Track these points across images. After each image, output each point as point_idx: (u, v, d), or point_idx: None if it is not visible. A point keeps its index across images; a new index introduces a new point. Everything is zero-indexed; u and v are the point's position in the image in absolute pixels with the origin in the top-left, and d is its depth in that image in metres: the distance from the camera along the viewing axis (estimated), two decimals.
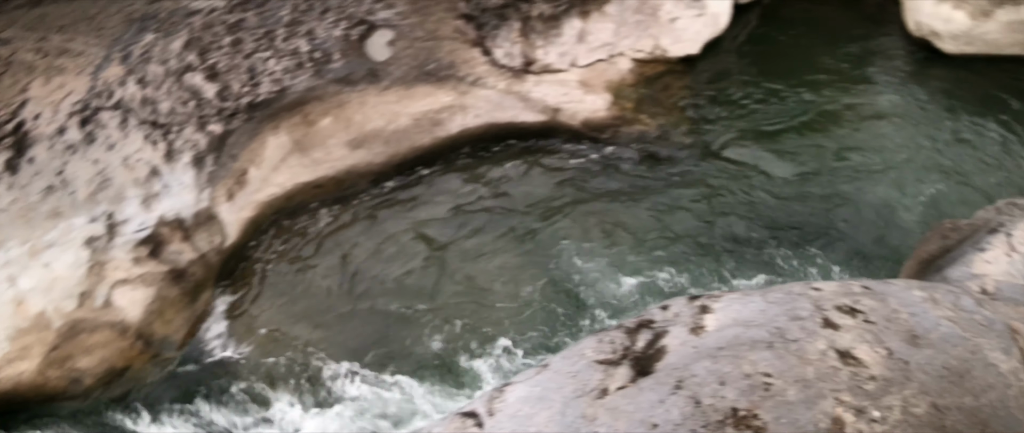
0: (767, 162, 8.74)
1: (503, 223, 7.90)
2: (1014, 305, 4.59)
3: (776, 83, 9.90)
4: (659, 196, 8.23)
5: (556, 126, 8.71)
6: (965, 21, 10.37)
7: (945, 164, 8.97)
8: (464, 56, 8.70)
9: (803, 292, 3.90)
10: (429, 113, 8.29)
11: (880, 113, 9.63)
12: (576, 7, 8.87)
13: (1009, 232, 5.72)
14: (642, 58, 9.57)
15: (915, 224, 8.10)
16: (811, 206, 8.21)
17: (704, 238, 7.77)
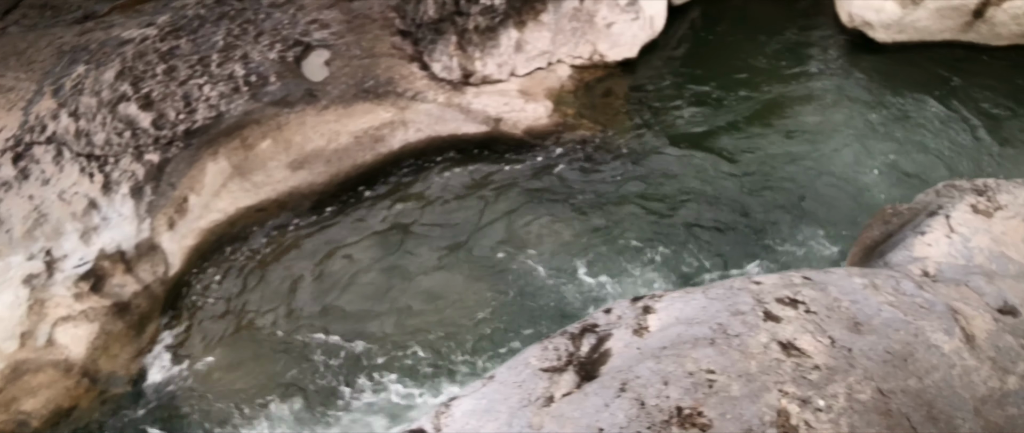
0: (709, 159, 9.01)
1: (448, 237, 8.01)
2: (955, 286, 4.73)
3: (714, 81, 10.23)
4: (604, 199, 8.42)
5: (498, 136, 8.88)
6: (896, 10, 10.85)
7: (885, 151, 9.33)
8: (402, 72, 8.85)
9: (744, 287, 3.97)
10: (370, 130, 8.39)
11: (818, 105, 9.99)
12: (512, 18, 9.06)
13: (948, 214, 5.90)
14: (581, 64, 9.84)
15: (859, 211, 8.40)
16: (755, 199, 8.47)
17: (649, 237, 7.95)
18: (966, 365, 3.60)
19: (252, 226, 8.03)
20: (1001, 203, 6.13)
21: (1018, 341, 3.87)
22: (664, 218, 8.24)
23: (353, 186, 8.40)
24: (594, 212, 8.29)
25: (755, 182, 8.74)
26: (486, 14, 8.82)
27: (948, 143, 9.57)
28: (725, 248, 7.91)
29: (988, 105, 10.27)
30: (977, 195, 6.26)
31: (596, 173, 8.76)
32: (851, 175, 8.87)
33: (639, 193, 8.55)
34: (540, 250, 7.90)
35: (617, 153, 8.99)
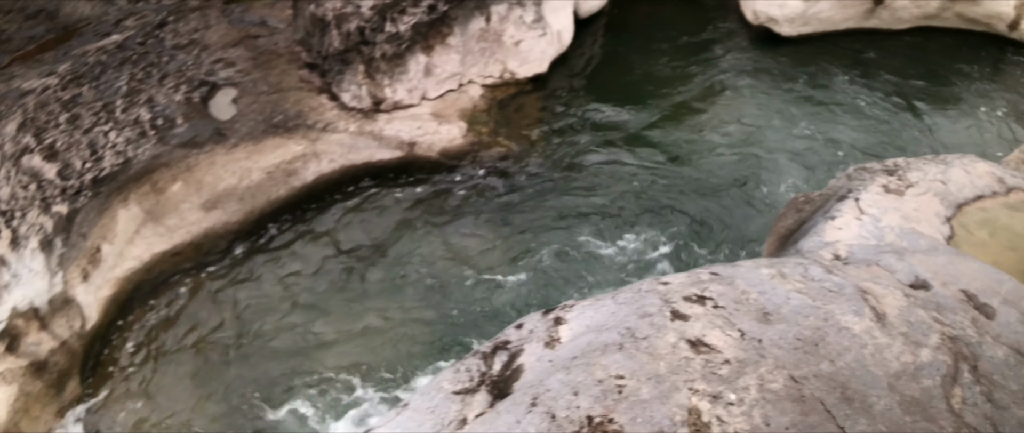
0: (625, 163, 9.65)
1: (369, 265, 8.34)
2: (866, 266, 4.97)
3: (626, 87, 10.95)
4: (524, 213, 8.95)
5: (414, 160, 9.36)
6: (798, 4, 11.72)
7: (798, 140, 10.10)
8: (311, 104, 9.27)
9: (651, 288, 4.07)
10: (282, 164, 8.76)
11: (729, 102, 10.76)
12: (419, 43, 9.58)
13: (857, 196, 6.34)
14: (492, 83, 10.41)
15: (775, 200, 9.10)
16: (673, 197, 9.11)
17: (567, 247, 8.46)
18: (878, 343, 3.74)
19: (170, 271, 8.24)
20: (912, 180, 6.63)
21: (930, 314, 4.04)
22: (584, 224, 8.77)
23: (270, 222, 8.75)
24: (515, 226, 8.77)
25: (672, 181, 9.37)
26: (392, 41, 9.28)
27: (859, 127, 10.42)
28: (645, 247, 8.45)
29: (895, 87, 11.20)
30: (888, 175, 6.76)
31: (515, 188, 9.29)
32: (767, 166, 9.58)
33: (558, 203, 9.09)
34: (463, 268, 8.30)
35: (534, 167, 9.56)
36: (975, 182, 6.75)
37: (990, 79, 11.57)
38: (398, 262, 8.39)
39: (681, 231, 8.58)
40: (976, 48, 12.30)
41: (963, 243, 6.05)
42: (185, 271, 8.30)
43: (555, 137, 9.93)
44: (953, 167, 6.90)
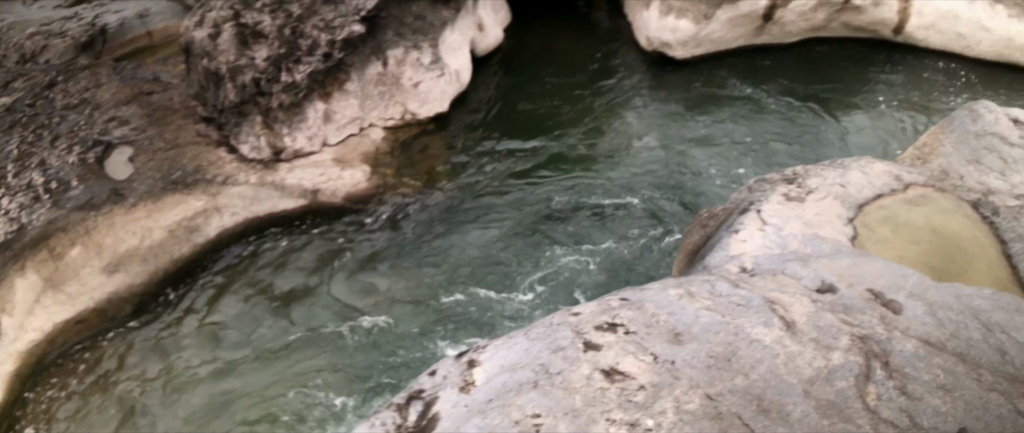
0: (531, 193, 10.15)
1: (280, 317, 8.52)
2: (772, 276, 5.23)
3: (528, 120, 11.61)
4: (432, 250, 9.29)
5: (318, 207, 9.72)
6: (690, 27, 12.66)
7: (700, 158, 10.82)
8: (210, 158, 9.65)
9: (563, 320, 4.17)
10: (183, 222, 9.04)
11: (629, 126, 11.50)
12: (316, 91, 10.05)
13: (759, 208, 6.75)
14: (394, 125, 10.98)
15: (682, 216, 9.69)
16: (581, 224, 9.61)
17: (477, 280, 8.79)
18: (789, 351, 3.89)
19: (74, 340, 8.26)
20: (812, 187, 7.15)
21: (838, 317, 4.24)
22: (492, 256, 9.18)
23: (174, 282, 8.91)
24: (424, 265, 9.11)
25: (578, 206, 9.93)
26: (289, 91, 9.73)
27: (759, 138, 11.26)
28: (554, 275, 8.87)
29: (791, 97, 12.21)
30: (788, 184, 7.29)
31: (421, 227, 9.66)
32: (671, 184, 10.25)
33: (466, 237, 9.50)
34: (375, 313, 8.53)
35: (440, 204, 10.01)
36: (873, 182, 7.30)
37: (881, 81, 12.85)
38: (308, 311, 8.56)
39: (590, 255, 9.05)
40: (864, 53, 13.58)
41: (867, 242, 6.52)
42: (91, 339, 8.26)
43: (460, 173, 10.44)
44: (851, 170, 7.46)
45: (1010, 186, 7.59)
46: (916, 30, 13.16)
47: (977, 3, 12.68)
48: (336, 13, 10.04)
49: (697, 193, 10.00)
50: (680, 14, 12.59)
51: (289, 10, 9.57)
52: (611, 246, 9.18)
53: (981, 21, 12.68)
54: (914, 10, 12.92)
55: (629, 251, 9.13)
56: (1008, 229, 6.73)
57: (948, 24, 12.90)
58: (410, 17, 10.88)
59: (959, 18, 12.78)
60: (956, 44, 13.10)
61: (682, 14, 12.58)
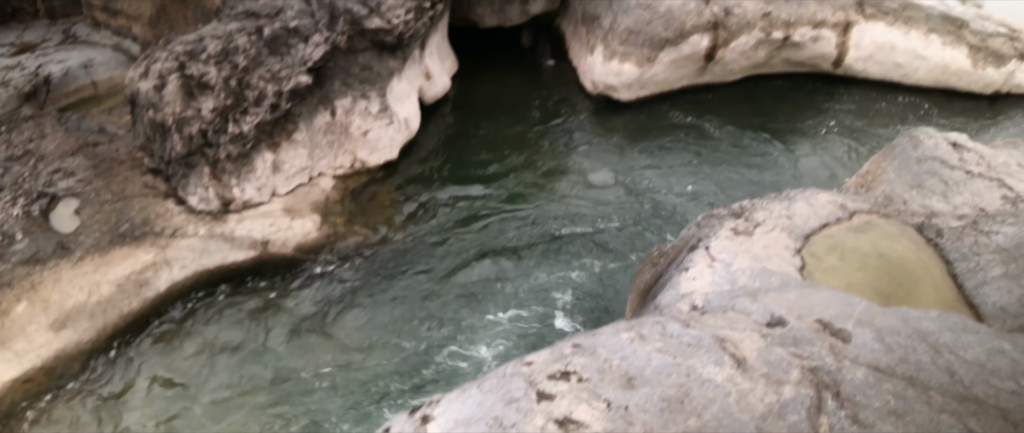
0: (481, 237, 10.42)
1: (228, 373, 8.55)
2: (722, 313, 5.38)
3: (477, 165, 11.99)
4: (383, 299, 9.44)
5: (269, 258, 9.85)
6: (634, 71, 13.22)
7: (647, 196, 11.24)
8: (158, 210, 9.84)
9: (516, 371, 4.20)
10: (132, 275, 9.13)
11: (577, 168, 11.93)
12: (264, 141, 10.34)
13: (707, 245, 7.00)
14: (343, 174, 11.28)
15: (634, 252, 10.03)
16: (531, 266, 9.87)
17: (428, 327, 8.98)
18: (741, 389, 3.97)
19: (20, 400, 8.09)
20: (759, 220, 7.46)
21: (788, 350, 4.38)
22: (443, 302, 9.38)
23: (124, 336, 8.92)
24: (376, 314, 9.26)
25: (529, 247, 10.23)
26: (236, 142, 10.01)
27: (706, 174, 11.75)
28: (508, 316, 9.09)
29: (734, 132, 12.77)
30: (735, 218, 7.58)
31: (373, 275, 9.84)
32: (621, 223, 10.61)
33: (418, 283, 9.68)
34: (327, 365, 8.63)
35: (391, 252, 10.22)
36: (819, 212, 7.63)
37: (823, 112, 13.56)
38: (260, 366, 8.61)
39: (543, 294, 9.33)
40: (806, 87, 14.37)
41: (816, 271, 6.78)
42: (38, 398, 8.20)
43: (411, 219, 10.70)
44: (796, 201, 7.79)
45: (952, 208, 7.95)
46: (855, 62, 13.90)
47: (912, 34, 13.46)
48: (282, 64, 10.38)
49: (648, 228, 10.37)
50: (623, 58, 13.16)
51: (235, 62, 9.89)
52: (564, 284, 9.45)
53: (917, 50, 13.45)
54: (852, 44, 13.65)
55: (582, 288, 9.40)
56: (952, 250, 7.07)
57: (885, 55, 13.65)
58: (357, 67, 11.25)
59: (896, 49, 13.54)
60: (894, 73, 13.87)
61: (625, 58, 13.15)
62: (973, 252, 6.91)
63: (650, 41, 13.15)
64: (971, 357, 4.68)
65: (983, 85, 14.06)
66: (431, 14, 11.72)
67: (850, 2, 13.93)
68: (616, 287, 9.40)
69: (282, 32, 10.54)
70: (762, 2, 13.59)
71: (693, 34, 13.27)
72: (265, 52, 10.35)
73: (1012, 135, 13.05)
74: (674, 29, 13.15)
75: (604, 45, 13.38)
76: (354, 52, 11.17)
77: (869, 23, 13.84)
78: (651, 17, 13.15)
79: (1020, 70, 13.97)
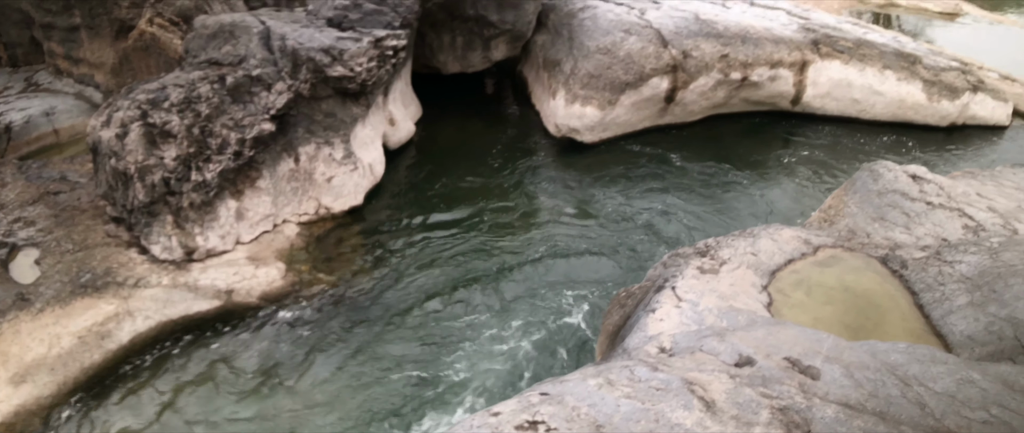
0: (446, 282, 10.47)
1: (197, 425, 8.47)
2: (690, 354, 5.42)
3: (442, 209, 12.12)
4: (350, 348, 9.43)
5: (234, 308, 9.84)
6: (596, 113, 13.53)
7: (613, 235, 11.40)
8: (120, 260, 9.83)
9: (483, 423, 4.18)
10: (93, 327, 9.04)
11: (543, 209, 12.11)
12: (227, 189, 10.42)
13: (673, 285, 7.05)
14: (308, 220, 11.36)
15: (602, 292, 10.11)
16: (500, 308, 9.92)
17: (396, 379, 8.95)
18: (710, 432, 3.99)
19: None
20: (724, 258, 7.60)
21: (757, 391, 4.40)
22: (412, 348, 9.39)
23: (86, 390, 8.79)
24: (343, 363, 9.23)
25: (495, 290, 10.29)
26: (200, 190, 10.08)
27: (670, 213, 11.96)
28: (478, 360, 9.11)
29: (697, 171, 13.06)
30: (701, 257, 7.70)
31: (338, 323, 9.82)
32: (588, 263, 10.75)
33: (385, 331, 9.68)
34: (294, 417, 8.55)
35: (356, 299, 10.22)
36: (784, 248, 7.79)
37: (784, 149, 13.97)
38: (226, 419, 8.54)
39: (513, 337, 9.38)
40: (766, 124, 14.83)
41: (783, 307, 6.91)
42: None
43: (377, 265, 10.75)
44: (761, 238, 7.95)
45: (915, 239, 8.20)
46: (813, 100, 14.36)
47: (867, 71, 13.97)
48: (245, 112, 10.52)
49: (615, 268, 10.50)
50: (585, 102, 13.48)
51: (197, 110, 10.02)
52: (533, 327, 9.51)
53: (873, 86, 13.96)
54: (809, 82, 14.12)
55: (552, 330, 9.47)
56: (917, 280, 7.24)
57: (842, 91, 14.13)
58: (320, 114, 11.41)
59: (852, 85, 14.03)
60: (852, 109, 14.35)
61: (587, 102, 13.47)
62: (938, 282, 7.06)
63: (611, 85, 13.47)
64: (941, 388, 4.74)
65: (939, 117, 14.61)
66: (394, 62, 11.92)
67: (805, 42, 14.43)
68: (586, 328, 9.48)
69: (245, 80, 10.69)
70: (719, 44, 14.00)
71: (653, 77, 13.62)
72: (228, 100, 10.48)
73: (970, 165, 13.52)
74: (634, 73, 13.49)
75: (566, 89, 13.68)
76: (317, 99, 11.32)
77: (825, 62, 14.33)
78: (611, 62, 13.48)
79: (974, 102, 14.56)
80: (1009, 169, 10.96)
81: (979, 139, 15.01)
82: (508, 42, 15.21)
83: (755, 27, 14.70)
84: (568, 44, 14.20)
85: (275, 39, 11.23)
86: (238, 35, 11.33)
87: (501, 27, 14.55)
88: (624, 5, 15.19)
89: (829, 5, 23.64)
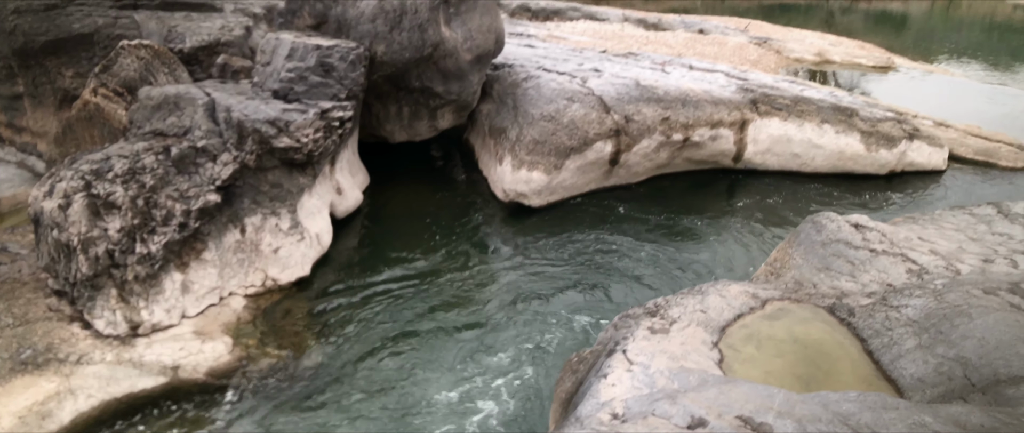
0: (397, 352, 10.47)
1: None
2: (642, 419, 5.41)
3: (391, 278, 12.17)
4: (296, 425, 9.29)
5: (180, 385, 9.67)
6: (543, 178, 13.83)
7: (566, 299, 11.50)
8: (63, 335, 9.68)
9: None
10: (34, 407, 8.83)
11: (494, 275, 12.20)
12: (172, 261, 10.38)
13: (624, 348, 7.04)
14: (255, 292, 11.33)
15: (556, 356, 10.16)
16: (449, 378, 9.91)
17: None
18: None
19: None
20: (674, 317, 7.62)
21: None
22: (364, 422, 9.28)
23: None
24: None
25: (445, 358, 10.30)
26: (144, 262, 10.04)
27: (619, 275, 12.12)
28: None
29: (645, 230, 13.37)
30: (651, 317, 7.68)
31: (287, 401, 9.69)
32: (538, 329, 10.80)
33: (334, 404, 9.59)
34: None
35: (305, 372, 10.13)
36: (732, 303, 7.90)
37: (729, 205, 14.39)
38: None
39: (464, 409, 9.38)
40: (710, 181, 15.31)
41: (734, 363, 6.98)
42: None
43: (325, 337, 10.72)
44: (709, 295, 8.07)
45: (861, 286, 8.42)
46: (754, 156, 14.87)
47: (806, 125, 14.56)
48: (190, 183, 10.58)
49: (568, 331, 10.59)
50: (532, 167, 13.79)
51: (142, 181, 10.05)
52: (488, 395, 9.53)
53: (812, 140, 14.53)
54: (749, 139, 14.64)
55: (507, 399, 9.47)
56: (865, 327, 7.41)
57: (782, 147, 14.67)
58: (266, 185, 11.50)
59: (792, 140, 14.58)
60: (792, 163, 14.89)
61: (533, 167, 13.78)
62: (885, 327, 7.22)
63: (556, 150, 13.80)
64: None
65: (878, 166, 15.23)
66: (340, 132, 12.11)
67: (744, 101, 14.99)
68: (542, 393, 9.52)
69: (190, 151, 10.77)
70: (660, 108, 14.48)
71: (597, 141, 14.01)
72: (173, 171, 10.54)
73: (910, 210, 14.05)
74: (578, 138, 13.87)
75: (512, 155, 13.98)
76: (263, 170, 11.42)
77: (764, 119, 14.89)
78: (555, 128, 13.84)
79: (911, 149, 15.23)
80: (949, 212, 11.39)
81: (918, 184, 15.68)
82: (454, 112, 15.52)
83: (694, 90, 15.23)
84: (513, 112, 14.56)
85: (220, 110, 11.36)
86: (183, 106, 11.44)
87: (447, 97, 14.85)
88: (566, 74, 15.64)
89: (766, 65, 24.58)
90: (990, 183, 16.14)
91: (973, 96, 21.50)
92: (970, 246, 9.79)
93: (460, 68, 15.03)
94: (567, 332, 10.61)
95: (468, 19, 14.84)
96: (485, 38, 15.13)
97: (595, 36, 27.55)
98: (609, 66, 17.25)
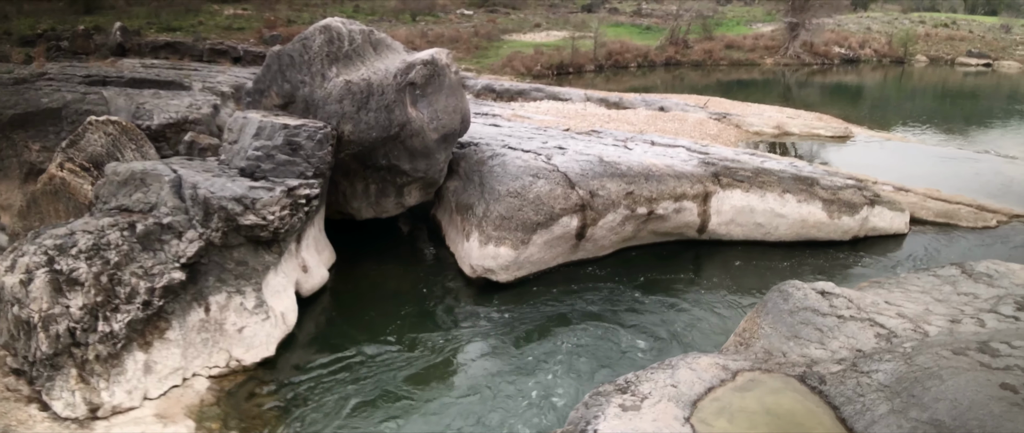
0: (363, 429, 10.32)
1: None
2: None
3: (357, 357, 12.07)
4: None
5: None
6: (510, 253, 13.93)
7: (534, 377, 11.41)
8: (19, 416, 9.45)
9: None
10: None
11: (460, 349, 12.18)
12: (135, 340, 10.26)
13: (596, 428, 7.13)
14: (219, 373, 11.20)
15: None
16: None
17: None
18: None
19: None
20: (645, 393, 7.70)
21: None
22: None
23: None
24: None
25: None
26: (106, 341, 9.91)
27: (587, 349, 12.11)
28: None
29: (612, 304, 13.42)
30: (622, 394, 7.75)
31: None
32: (507, 407, 10.70)
33: None
34: None
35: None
36: (702, 376, 7.96)
37: (695, 276, 14.57)
38: None
39: None
40: (676, 252, 15.55)
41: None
42: None
43: (290, 420, 10.55)
44: (679, 369, 8.13)
45: (830, 353, 8.52)
46: (718, 227, 15.15)
47: (768, 196, 14.90)
48: (155, 260, 10.56)
49: (538, 409, 10.52)
50: (499, 243, 13.92)
51: (106, 257, 10.02)
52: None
53: (775, 210, 14.87)
54: (713, 211, 14.93)
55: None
56: (837, 394, 7.49)
57: (746, 217, 14.98)
58: (232, 263, 11.49)
59: (755, 211, 14.90)
60: (756, 232, 15.19)
61: (500, 242, 13.91)
62: (857, 393, 7.31)
63: (523, 225, 13.96)
64: None
65: (841, 232, 15.60)
66: (306, 210, 12.18)
67: (706, 175, 15.33)
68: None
69: (155, 228, 10.78)
70: (624, 183, 14.78)
71: (563, 216, 14.21)
72: (138, 248, 10.52)
73: (876, 274, 14.33)
74: (544, 213, 14.05)
75: (479, 231, 14.11)
76: (229, 248, 11.42)
77: (726, 191, 15.21)
78: (521, 204, 14.03)
79: (873, 215, 15.65)
80: (913, 274, 11.63)
81: (882, 248, 16.11)
82: (421, 189, 15.69)
83: (657, 165, 15.56)
84: (480, 189, 14.75)
85: (187, 187, 11.41)
86: (150, 182, 11.48)
87: (414, 175, 15.02)
88: (531, 152, 15.91)
89: (726, 139, 25.16)
90: (952, 244, 15.77)
91: (931, 161, 22.41)
92: (937, 307, 9.97)
93: (427, 147, 15.24)
94: (537, 411, 10.53)
95: (434, 100, 15.12)
96: (451, 118, 15.39)
97: (558, 115, 28.08)
98: (573, 143, 17.59)
